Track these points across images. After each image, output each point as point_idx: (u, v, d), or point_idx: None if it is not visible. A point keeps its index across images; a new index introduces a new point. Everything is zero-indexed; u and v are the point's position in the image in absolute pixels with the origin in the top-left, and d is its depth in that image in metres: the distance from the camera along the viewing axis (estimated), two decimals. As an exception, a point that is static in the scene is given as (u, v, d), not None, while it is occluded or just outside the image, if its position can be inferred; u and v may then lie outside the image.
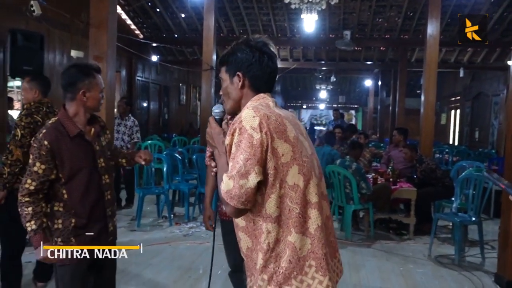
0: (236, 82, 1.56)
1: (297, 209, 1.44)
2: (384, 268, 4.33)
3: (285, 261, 1.43)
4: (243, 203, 1.40)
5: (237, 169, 1.39)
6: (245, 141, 1.40)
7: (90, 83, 2.10)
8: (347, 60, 13.18)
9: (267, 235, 1.43)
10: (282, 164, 1.42)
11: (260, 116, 1.42)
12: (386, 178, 5.69)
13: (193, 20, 10.83)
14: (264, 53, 1.55)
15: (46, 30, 6.53)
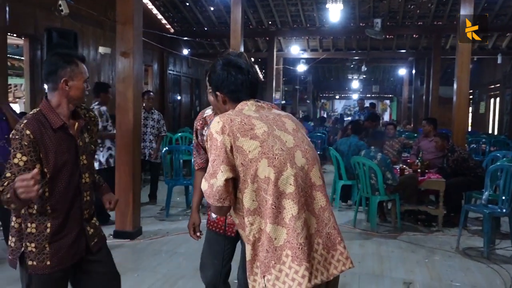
0: (219, 99, 1.71)
1: (270, 200, 1.48)
2: (409, 259, 4.29)
3: (264, 250, 1.49)
4: (218, 201, 1.52)
5: (208, 170, 1.54)
6: (212, 144, 1.53)
7: (72, 71, 1.94)
8: (379, 49, 12.91)
9: (250, 227, 1.51)
10: (250, 160, 1.50)
11: (223, 120, 1.55)
12: (414, 169, 5.59)
13: (222, 13, 10.91)
14: (231, 68, 1.66)
15: (79, 28, 6.80)
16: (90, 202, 2.07)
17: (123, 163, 4.62)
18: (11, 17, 5.87)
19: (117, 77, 4.63)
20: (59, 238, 1.93)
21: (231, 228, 2.30)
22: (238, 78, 1.66)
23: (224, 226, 2.32)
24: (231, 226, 2.29)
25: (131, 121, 4.55)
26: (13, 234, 1.95)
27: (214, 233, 2.36)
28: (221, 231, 2.33)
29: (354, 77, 19.52)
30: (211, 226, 2.39)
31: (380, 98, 24.11)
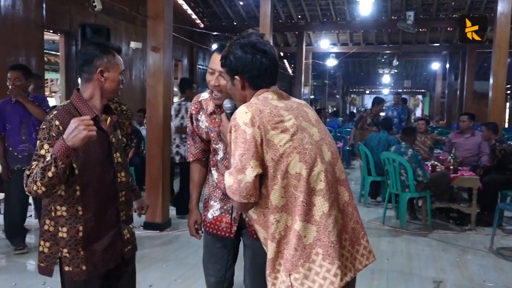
0: (237, 84, 1.58)
1: (301, 197, 1.43)
2: (440, 258, 4.19)
3: (291, 248, 1.43)
4: (245, 197, 1.43)
5: (234, 164, 1.44)
6: (240, 137, 1.43)
7: (109, 61, 1.82)
8: (411, 43, 12.59)
9: (276, 225, 1.45)
10: (281, 155, 1.43)
11: (252, 111, 1.45)
12: (446, 166, 5.44)
13: (251, 8, 10.90)
14: (257, 51, 1.54)
15: (112, 24, 6.95)
16: (127, 203, 1.96)
17: (153, 156, 4.71)
18: (47, 14, 6.06)
19: (148, 72, 4.72)
20: (93, 241, 1.81)
21: (229, 229, 2.07)
22: (263, 63, 1.54)
23: (222, 227, 2.09)
24: (229, 226, 2.07)
25: (161, 115, 4.63)
26: (47, 238, 1.81)
27: (212, 235, 2.12)
28: (220, 232, 2.09)
29: (385, 72, 19.13)
30: (208, 228, 2.13)
31: (412, 93, 23.56)
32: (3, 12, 5.36)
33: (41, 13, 6.00)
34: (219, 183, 2.04)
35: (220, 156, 2.03)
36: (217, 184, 2.06)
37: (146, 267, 3.75)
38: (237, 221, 2.05)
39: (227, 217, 2.06)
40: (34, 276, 3.47)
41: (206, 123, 2.04)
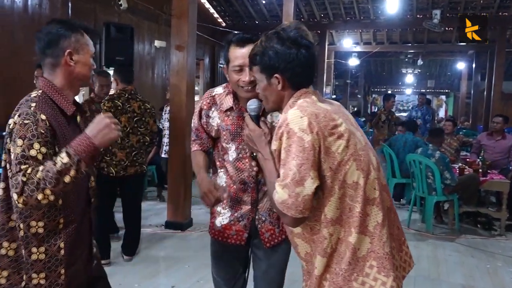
0: (275, 84, 1.42)
1: (358, 207, 1.34)
2: (468, 264, 4.06)
3: (345, 262, 1.34)
4: (301, 212, 1.30)
5: (290, 176, 1.28)
6: (296, 145, 1.28)
7: (77, 41, 1.51)
8: (437, 42, 12.30)
9: (329, 238, 1.35)
10: (338, 163, 1.32)
11: (307, 115, 1.31)
12: (475, 169, 5.27)
13: (273, 6, 10.83)
14: (300, 46, 1.38)
15: (135, 22, 6.99)
16: (93, 212, 1.67)
17: (175, 156, 4.70)
18: (72, 13, 6.12)
19: (171, 70, 4.71)
20: (75, 260, 1.52)
21: (239, 236, 1.92)
22: (307, 59, 1.39)
23: (232, 234, 1.92)
24: (241, 233, 1.91)
25: (184, 114, 4.61)
26: (5, 266, 1.44)
27: (221, 244, 1.97)
28: (230, 240, 1.94)
29: (408, 71, 18.75)
30: (216, 235, 1.98)
31: (436, 93, 23.06)
32: (30, 11, 5.43)
33: (67, 12, 6.06)
34: (229, 187, 1.87)
35: (233, 156, 1.86)
36: (226, 189, 1.88)
37: (168, 267, 3.74)
38: (248, 228, 1.90)
39: (237, 225, 1.90)
40: None
41: (218, 120, 1.86)
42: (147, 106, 3.76)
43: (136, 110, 3.67)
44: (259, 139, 1.47)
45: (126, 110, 3.61)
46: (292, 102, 1.41)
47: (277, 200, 1.32)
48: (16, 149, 1.37)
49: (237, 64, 1.76)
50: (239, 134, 1.83)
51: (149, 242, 4.30)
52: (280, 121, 1.36)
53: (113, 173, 3.57)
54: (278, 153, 1.35)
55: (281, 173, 1.32)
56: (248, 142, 1.49)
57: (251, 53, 1.48)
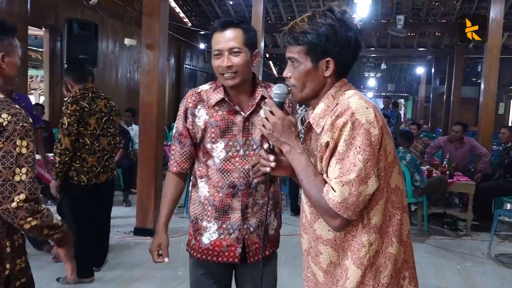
0: (322, 69, 1.26)
1: (398, 214, 1.24)
2: (440, 265, 4.13)
3: (386, 276, 1.23)
4: (356, 214, 1.17)
5: (356, 172, 1.14)
6: (362, 138, 1.15)
7: (10, 44, 1.57)
8: (400, 47, 12.66)
9: (368, 248, 1.21)
10: (388, 164, 1.21)
11: (372, 107, 1.19)
12: (442, 171, 5.41)
13: (241, 7, 10.76)
14: (356, 31, 1.26)
15: (100, 19, 6.70)
16: None
17: (145, 159, 4.51)
18: (32, 8, 5.79)
19: (142, 70, 4.53)
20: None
21: (233, 251, 1.73)
22: (357, 46, 1.27)
23: (224, 251, 1.73)
24: (233, 248, 1.73)
25: (155, 115, 4.44)
26: None
27: (207, 263, 1.76)
28: (223, 259, 1.74)
29: (371, 75, 19.24)
30: (204, 255, 1.75)
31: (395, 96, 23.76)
32: (-15, 4, 5.08)
33: (26, 6, 5.73)
34: (213, 196, 1.71)
35: (219, 157, 1.70)
36: (209, 200, 1.72)
37: (141, 277, 3.56)
38: (241, 241, 1.72)
39: (227, 239, 1.71)
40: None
41: (206, 117, 1.70)
42: (112, 104, 3.46)
43: (103, 109, 3.34)
44: (289, 130, 1.25)
45: (94, 111, 3.26)
46: (334, 92, 1.28)
47: (333, 199, 1.15)
48: (22, 149, 1.43)
49: (216, 48, 1.66)
50: (230, 130, 1.70)
51: (118, 250, 4.09)
52: (339, 110, 1.19)
53: (84, 182, 3.21)
54: (333, 146, 1.19)
55: (337, 169, 1.17)
56: (273, 133, 1.26)
57: (291, 30, 1.27)
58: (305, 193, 1.26)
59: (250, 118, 1.72)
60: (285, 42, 1.29)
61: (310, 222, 1.33)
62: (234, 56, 1.63)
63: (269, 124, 1.26)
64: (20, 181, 1.40)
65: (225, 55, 1.63)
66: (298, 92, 1.30)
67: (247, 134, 1.72)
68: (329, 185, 1.17)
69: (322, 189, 1.19)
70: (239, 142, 1.71)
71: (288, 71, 1.30)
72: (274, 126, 1.25)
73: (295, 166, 1.26)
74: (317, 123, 1.27)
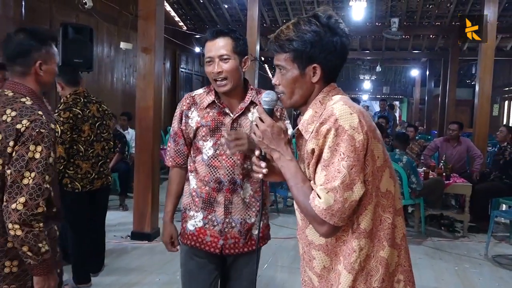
0: (309, 75, 1.27)
1: (390, 218, 1.25)
2: (438, 267, 4.13)
3: (378, 280, 1.23)
4: (343, 220, 1.18)
5: (340, 179, 1.14)
6: (346, 144, 1.15)
7: (47, 52, 1.65)
8: (394, 49, 12.72)
9: (359, 253, 1.22)
10: (377, 169, 1.21)
11: (357, 112, 1.18)
12: (439, 173, 5.42)
13: (236, 11, 10.77)
14: (339, 35, 1.25)
15: (95, 23, 6.68)
16: None
17: (142, 163, 4.49)
18: (26, 12, 5.76)
19: (138, 74, 4.52)
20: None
21: (215, 243, 1.86)
22: (344, 51, 1.27)
23: (207, 241, 1.86)
24: (215, 240, 1.86)
25: (151, 119, 4.43)
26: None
27: (193, 250, 1.89)
28: (204, 247, 1.86)
29: (366, 78, 19.30)
30: (189, 241, 1.89)
31: (390, 99, 23.84)
32: (-21, 8, 5.05)
33: (20, 11, 5.69)
34: (201, 189, 1.86)
35: (208, 154, 1.84)
36: (197, 192, 1.88)
37: (139, 281, 3.53)
38: (223, 235, 1.85)
39: (211, 229, 1.85)
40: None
41: (198, 118, 1.85)
42: (104, 107, 3.39)
43: (95, 114, 3.27)
44: (278, 137, 1.26)
45: (87, 117, 3.19)
46: (322, 98, 1.28)
47: (319, 206, 1.16)
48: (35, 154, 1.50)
49: (207, 56, 1.80)
50: (219, 130, 1.83)
51: (115, 254, 4.07)
52: (324, 117, 1.20)
53: (78, 189, 3.16)
54: (319, 152, 1.20)
55: (322, 175, 1.17)
56: (263, 140, 1.27)
57: (277, 38, 1.28)
58: (295, 199, 1.27)
59: (238, 120, 1.85)
60: (272, 50, 1.31)
61: (302, 228, 1.35)
62: (224, 63, 1.77)
63: (259, 131, 1.28)
64: (27, 184, 1.46)
65: (215, 61, 1.77)
66: (287, 99, 1.32)
67: None
68: (315, 192, 1.18)
69: (309, 195, 1.20)
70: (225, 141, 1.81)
71: (277, 79, 1.31)
72: (264, 133, 1.27)
73: (285, 172, 1.27)
74: (305, 129, 1.28)
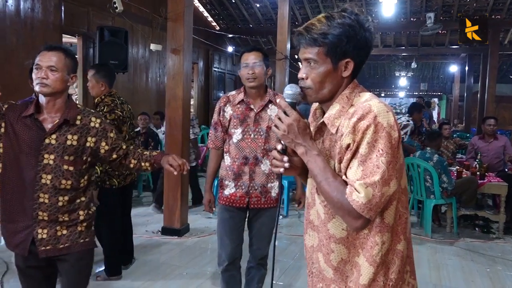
0: (341, 70, 1.27)
1: (406, 213, 1.30)
2: (468, 268, 4.03)
3: (394, 272, 1.28)
4: (377, 214, 1.21)
5: (380, 174, 1.16)
6: (384, 141, 1.17)
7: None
8: (430, 45, 12.36)
9: (381, 246, 1.25)
10: (400, 166, 1.24)
11: (391, 111, 1.21)
12: (473, 172, 5.26)
13: (267, 10, 10.80)
14: (368, 32, 1.27)
15: (129, 26, 6.92)
16: (52, 206, 1.89)
17: (172, 160, 4.62)
18: (66, 17, 6.04)
19: (167, 74, 4.64)
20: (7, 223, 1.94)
21: (243, 200, 2.56)
22: (371, 47, 1.30)
23: (237, 199, 2.56)
24: (243, 198, 2.55)
25: (181, 118, 4.55)
26: None
27: (228, 208, 2.58)
28: (235, 204, 2.56)
29: (401, 74, 18.83)
30: (224, 202, 2.59)
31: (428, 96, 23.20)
32: (22, 14, 5.34)
33: (60, 16, 5.98)
34: (232, 164, 2.55)
35: (238, 138, 2.53)
36: (230, 167, 2.57)
37: (166, 274, 3.66)
38: (249, 194, 2.55)
39: (239, 192, 2.55)
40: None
41: (231, 111, 2.55)
42: (130, 107, 3.54)
43: (127, 115, 3.42)
44: (304, 132, 1.25)
45: (125, 118, 3.35)
46: (349, 93, 1.29)
47: (357, 200, 1.17)
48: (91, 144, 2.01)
49: (244, 61, 2.53)
50: (246, 121, 2.54)
51: (146, 249, 4.22)
52: (360, 113, 1.20)
53: (115, 185, 3.37)
54: (355, 148, 1.19)
55: (359, 170, 1.18)
56: (288, 134, 1.25)
57: (309, 31, 1.26)
58: (324, 194, 1.25)
59: (260, 113, 2.56)
60: (301, 43, 1.28)
61: (324, 222, 1.34)
62: (256, 67, 2.51)
63: (284, 125, 1.25)
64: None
65: (249, 65, 2.51)
66: (313, 93, 1.30)
67: (257, 124, 2.55)
68: (352, 187, 1.18)
69: (343, 190, 1.20)
70: (251, 129, 2.54)
71: (304, 72, 1.29)
72: (290, 128, 1.25)
73: (312, 167, 1.25)
74: (332, 123, 1.28)
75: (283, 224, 5.26)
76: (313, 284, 1.42)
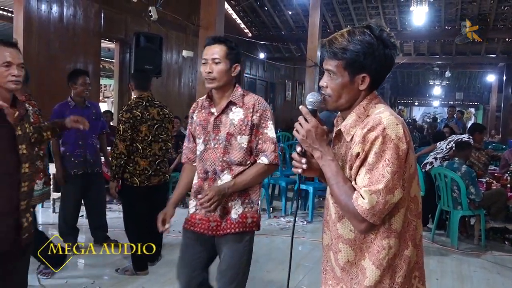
0: (358, 83, 1.35)
1: (415, 221, 1.37)
2: (494, 281, 3.96)
3: (401, 276, 1.35)
4: (381, 220, 1.29)
5: (384, 183, 1.25)
6: (391, 152, 1.25)
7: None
8: (465, 54, 12.12)
9: (388, 251, 1.33)
10: (410, 176, 1.32)
11: (401, 123, 1.29)
12: (503, 184, 5.15)
13: (299, 17, 10.92)
14: (392, 48, 1.34)
15: (164, 32, 7.19)
16: (29, 193, 2.02)
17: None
18: (105, 23, 6.36)
19: (198, 80, 4.82)
20: None
21: (204, 224, 2.06)
22: (392, 63, 1.36)
23: (197, 223, 2.08)
24: (203, 222, 2.06)
25: (209, 123, 4.70)
26: None
27: (187, 231, 2.12)
28: (196, 228, 2.08)
29: (436, 83, 18.50)
30: (185, 224, 2.15)
31: (464, 105, 22.62)
32: (65, 21, 5.67)
33: (100, 22, 6.30)
34: (195, 180, 2.13)
35: (201, 148, 2.09)
36: (193, 183, 2.15)
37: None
38: (207, 217, 2.05)
39: (198, 214, 2.08)
40: (84, 274, 3.62)
41: (195, 118, 2.14)
42: (166, 112, 3.67)
43: (155, 117, 3.55)
44: (321, 138, 1.35)
45: (146, 119, 3.48)
46: (366, 104, 1.37)
47: (362, 205, 1.27)
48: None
49: (203, 56, 2.04)
50: (206, 127, 2.08)
51: (172, 247, 4.37)
52: (371, 124, 1.29)
53: (137, 184, 3.44)
54: (364, 157, 1.29)
55: (366, 178, 1.28)
56: (307, 139, 1.35)
57: (331, 45, 1.35)
58: (334, 196, 1.36)
59: (220, 117, 2.06)
60: (325, 55, 1.38)
61: (334, 221, 1.45)
62: (216, 65, 1.99)
63: (303, 131, 1.35)
64: None
65: (208, 63, 2.00)
66: (332, 102, 1.39)
67: (217, 130, 2.05)
68: (358, 192, 1.28)
69: (351, 195, 1.30)
70: (211, 137, 2.07)
71: (325, 81, 1.38)
72: (308, 133, 1.35)
73: (326, 171, 1.35)
74: (347, 131, 1.37)
75: (307, 229, 5.32)
76: (325, 280, 1.52)
